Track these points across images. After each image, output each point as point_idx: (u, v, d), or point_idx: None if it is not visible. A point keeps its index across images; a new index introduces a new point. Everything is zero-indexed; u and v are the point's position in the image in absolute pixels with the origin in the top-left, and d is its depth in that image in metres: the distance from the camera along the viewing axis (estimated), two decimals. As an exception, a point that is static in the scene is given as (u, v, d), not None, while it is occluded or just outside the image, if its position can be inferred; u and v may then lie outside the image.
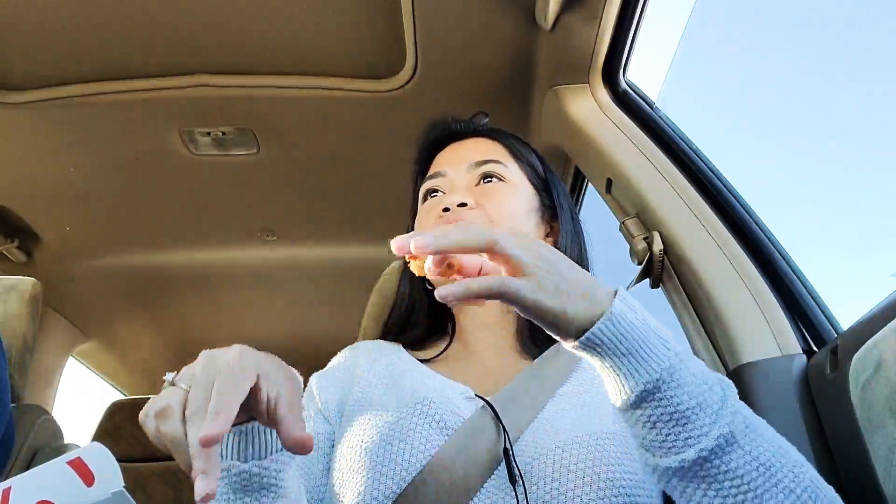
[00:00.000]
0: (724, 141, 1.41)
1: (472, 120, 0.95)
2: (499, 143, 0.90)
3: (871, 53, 1.34)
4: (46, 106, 1.37)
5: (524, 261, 0.53)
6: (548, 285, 0.53)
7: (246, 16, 1.19)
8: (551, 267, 0.54)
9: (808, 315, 0.87)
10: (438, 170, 0.88)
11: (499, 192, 0.83)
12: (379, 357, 0.83)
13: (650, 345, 0.53)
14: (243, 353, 0.50)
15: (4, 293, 1.46)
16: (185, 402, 0.47)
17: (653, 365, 0.52)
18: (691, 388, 0.52)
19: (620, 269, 1.08)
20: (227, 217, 1.85)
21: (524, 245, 0.55)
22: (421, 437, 0.67)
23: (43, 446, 1.44)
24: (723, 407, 0.53)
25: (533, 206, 0.86)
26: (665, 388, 0.52)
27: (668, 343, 0.54)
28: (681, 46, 1.34)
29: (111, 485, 0.42)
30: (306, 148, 1.56)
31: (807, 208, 1.54)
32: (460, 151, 0.89)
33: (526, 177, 0.88)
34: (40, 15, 1.16)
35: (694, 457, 0.52)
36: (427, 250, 0.51)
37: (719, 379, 0.56)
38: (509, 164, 0.87)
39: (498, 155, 0.87)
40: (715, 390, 0.54)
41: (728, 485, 0.52)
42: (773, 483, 0.52)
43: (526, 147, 0.92)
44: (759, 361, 0.82)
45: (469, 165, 0.86)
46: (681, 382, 0.52)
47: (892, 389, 0.59)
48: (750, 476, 0.52)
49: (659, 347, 0.53)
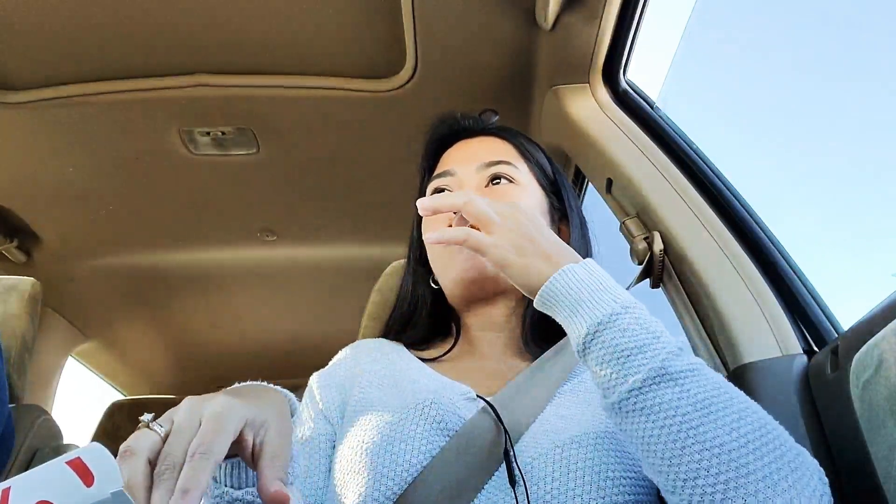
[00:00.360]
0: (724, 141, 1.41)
1: (482, 117, 0.95)
2: (508, 143, 0.89)
3: (872, 53, 1.34)
4: (46, 106, 1.37)
5: (490, 219, 0.64)
6: (508, 242, 0.63)
7: (246, 16, 1.19)
8: (517, 227, 0.64)
9: (809, 315, 0.87)
10: (447, 168, 0.87)
11: (509, 194, 0.83)
12: (380, 356, 0.83)
13: (596, 296, 0.59)
14: (226, 407, 0.48)
15: (4, 293, 1.46)
16: (155, 449, 0.45)
17: (596, 312, 0.59)
18: (633, 334, 0.57)
19: (620, 269, 1.08)
20: (227, 217, 1.85)
21: (496, 208, 0.65)
22: (422, 438, 0.67)
23: (42, 446, 1.44)
24: (662, 351, 0.57)
25: (543, 209, 0.86)
26: (606, 332, 0.58)
27: (616, 297, 0.60)
28: (681, 46, 1.34)
29: (111, 485, 0.42)
30: (306, 148, 1.56)
31: (807, 208, 1.54)
32: (470, 150, 0.89)
33: (535, 178, 0.87)
34: (40, 15, 1.16)
35: (628, 388, 0.56)
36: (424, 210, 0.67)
37: (677, 340, 0.59)
38: (519, 166, 0.86)
39: (508, 155, 0.87)
40: (662, 340, 0.58)
41: (662, 416, 0.55)
42: (711, 419, 0.54)
43: (535, 147, 0.92)
44: (760, 361, 0.82)
45: (479, 165, 0.85)
46: (622, 328, 0.58)
47: (892, 389, 0.59)
48: (685, 410, 0.55)
49: (604, 298, 0.59)
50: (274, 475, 0.48)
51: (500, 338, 0.83)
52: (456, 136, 0.92)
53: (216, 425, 0.46)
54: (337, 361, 0.86)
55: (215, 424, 0.46)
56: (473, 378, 0.76)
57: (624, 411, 0.57)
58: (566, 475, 0.62)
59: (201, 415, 0.47)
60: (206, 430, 0.46)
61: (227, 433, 0.46)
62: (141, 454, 0.44)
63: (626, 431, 0.58)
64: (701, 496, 0.53)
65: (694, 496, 0.54)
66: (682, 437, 0.54)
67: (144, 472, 0.44)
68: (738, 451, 0.53)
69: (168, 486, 0.43)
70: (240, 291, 2.23)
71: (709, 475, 0.53)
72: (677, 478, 0.54)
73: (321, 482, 0.73)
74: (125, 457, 0.44)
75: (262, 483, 0.48)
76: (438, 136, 0.94)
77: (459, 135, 0.92)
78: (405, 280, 0.93)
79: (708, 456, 0.53)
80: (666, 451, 0.55)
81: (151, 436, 0.46)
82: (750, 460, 0.53)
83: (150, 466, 0.44)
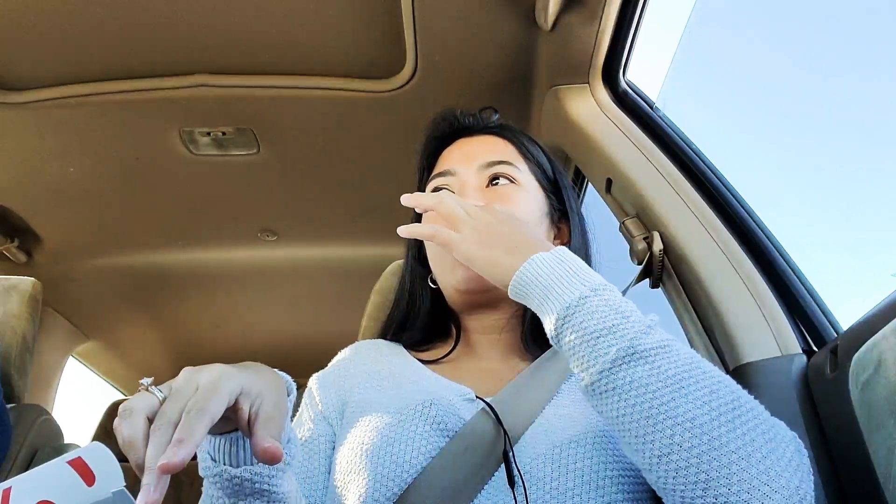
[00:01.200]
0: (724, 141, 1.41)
1: (482, 115, 0.93)
2: (509, 143, 0.88)
3: (872, 53, 1.34)
4: (46, 106, 1.37)
5: (459, 217, 0.66)
6: (475, 238, 0.65)
7: (246, 16, 1.19)
8: (485, 224, 0.66)
9: (808, 315, 0.87)
10: (448, 168, 0.86)
11: (510, 196, 0.82)
12: (379, 358, 0.82)
13: (564, 281, 0.60)
14: (223, 374, 0.50)
15: (4, 293, 1.46)
16: (153, 409, 0.48)
17: (565, 297, 0.59)
18: (603, 316, 0.58)
19: (620, 269, 1.08)
20: (227, 217, 1.85)
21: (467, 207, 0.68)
22: (422, 438, 0.67)
23: (43, 446, 1.44)
24: (630, 330, 0.57)
25: (544, 210, 0.85)
26: (576, 316, 0.58)
27: (585, 280, 0.60)
28: (681, 46, 1.34)
29: (112, 484, 0.42)
30: (306, 148, 1.56)
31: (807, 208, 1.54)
32: (470, 149, 0.88)
33: (535, 178, 0.86)
34: (41, 15, 1.16)
35: (599, 369, 0.57)
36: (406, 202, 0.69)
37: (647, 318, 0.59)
38: (520, 166, 0.85)
39: (509, 156, 0.86)
40: (631, 320, 0.58)
41: (634, 394, 0.55)
42: (682, 395, 0.54)
43: (536, 146, 0.91)
44: (759, 361, 0.82)
45: (480, 165, 0.84)
46: (591, 310, 0.58)
47: (892, 389, 0.59)
48: (655, 387, 0.55)
49: (573, 283, 0.60)
50: (267, 433, 0.50)
51: (500, 340, 0.83)
52: (456, 134, 0.91)
53: (212, 388, 0.49)
54: (336, 363, 0.86)
55: (211, 387, 0.49)
56: (473, 379, 0.76)
57: (598, 392, 0.58)
58: (565, 475, 0.62)
59: (198, 381, 0.49)
60: (202, 391, 0.48)
61: (222, 395, 0.48)
62: (140, 412, 0.47)
63: (603, 413, 0.59)
64: (675, 471, 0.54)
65: (669, 472, 0.54)
66: (653, 414, 0.54)
67: (143, 429, 0.46)
68: (710, 423, 0.53)
69: (163, 438, 0.45)
70: (240, 291, 2.23)
71: (682, 450, 0.53)
72: (651, 455, 0.55)
73: (321, 483, 0.73)
74: (124, 415, 0.47)
75: (255, 441, 0.49)
76: (439, 133, 0.93)
77: (460, 133, 0.91)
78: (403, 279, 0.92)
79: (680, 431, 0.53)
80: (639, 428, 0.55)
81: (150, 398, 0.48)
82: (722, 432, 0.53)
83: (148, 424, 0.47)
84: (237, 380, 0.51)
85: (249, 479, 0.56)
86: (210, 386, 0.49)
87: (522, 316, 0.81)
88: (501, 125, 0.92)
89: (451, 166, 0.86)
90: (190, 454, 0.44)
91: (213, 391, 0.48)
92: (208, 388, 0.48)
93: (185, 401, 0.48)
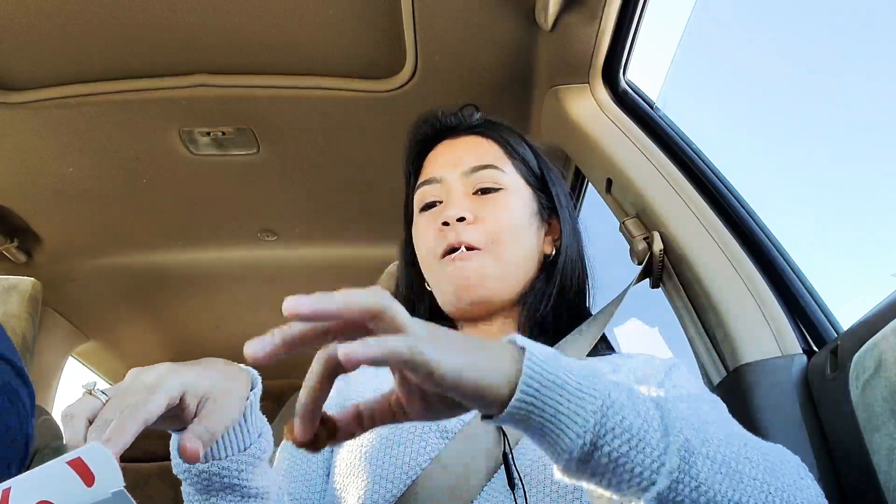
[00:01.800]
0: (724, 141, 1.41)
1: (463, 113, 0.91)
2: (493, 142, 0.86)
3: (872, 53, 1.34)
4: (47, 106, 1.37)
5: (417, 331, 0.42)
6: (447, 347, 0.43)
7: (246, 16, 1.19)
8: (442, 334, 0.45)
9: (808, 315, 0.87)
10: (433, 175, 0.85)
11: (497, 202, 0.81)
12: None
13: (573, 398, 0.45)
14: (166, 373, 0.51)
15: (4, 293, 1.46)
16: (95, 412, 0.48)
17: (587, 407, 0.44)
18: (629, 414, 0.45)
19: (620, 269, 1.08)
20: (227, 217, 1.85)
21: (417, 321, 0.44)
22: (421, 440, 0.67)
23: (43, 446, 1.44)
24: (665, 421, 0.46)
25: (532, 209, 0.84)
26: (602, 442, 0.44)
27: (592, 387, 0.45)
28: (681, 46, 1.34)
29: (111, 485, 0.42)
30: (306, 148, 1.56)
31: (807, 208, 1.54)
32: (454, 153, 0.86)
33: (522, 177, 0.85)
34: (41, 15, 1.16)
35: (665, 482, 0.45)
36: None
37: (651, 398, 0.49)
38: (506, 167, 0.84)
39: (493, 157, 0.84)
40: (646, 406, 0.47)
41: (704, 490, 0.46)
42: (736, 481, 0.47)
43: (519, 141, 0.89)
44: (759, 361, 0.82)
45: (464, 171, 0.83)
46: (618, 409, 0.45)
47: (892, 389, 0.59)
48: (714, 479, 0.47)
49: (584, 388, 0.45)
50: (196, 433, 0.50)
51: None
52: (440, 135, 0.90)
53: (151, 387, 0.49)
54: None
55: (151, 387, 0.49)
56: None
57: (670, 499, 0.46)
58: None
59: (142, 381, 0.50)
60: (141, 391, 0.49)
61: (159, 394, 0.48)
62: (80, 416, 0.48)
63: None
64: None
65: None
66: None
67: (83, 433, 0.47)
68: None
69: (96, 437, 0.46)
70: (240, 291, 2.23)
71: None
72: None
73: (319, 486, 0.74)
74: (66, 420, 0.48)
75: (182, 436, 0.50)
76: (421, 136, 0.91)
77: (444, 134, 0.89)
78: (399, 283, 0.91)
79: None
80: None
81: (93, 401, 0.49)
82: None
83: (88, 426, 0.48)
84: (180, 377, 0.51)
85: (217, 473, 0.58)
86: (150, 385, 0.49)
87: (518, 325, 0.81)
88: (485, 123, 0.90)
89: (435, 173, 0.85)
90: (118, 452, 0.45)
91: (152, 390, 0.48)
92: (148, 387, 0.49)
93: (125, 401, 0.48)
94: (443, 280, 0.80)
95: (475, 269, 0.77)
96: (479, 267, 0.77)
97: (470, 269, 0.77)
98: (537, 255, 0.84)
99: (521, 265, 0.80)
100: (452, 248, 0.78)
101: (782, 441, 0.60)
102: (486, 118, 0.91)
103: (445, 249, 0.78)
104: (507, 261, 0.79)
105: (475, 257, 0.77)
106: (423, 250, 0.84)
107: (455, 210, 0.79)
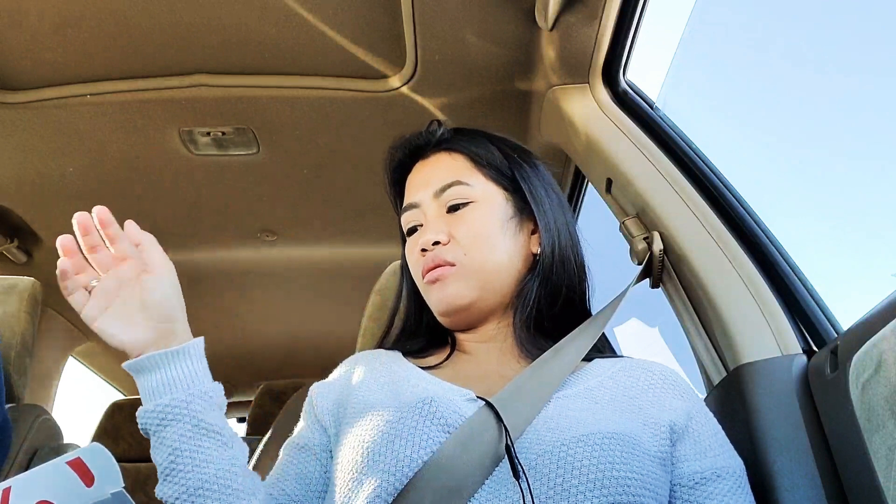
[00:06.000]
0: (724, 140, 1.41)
1: (429, 131, 0.91)
2: (459, 154, 0.87)
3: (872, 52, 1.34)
4: (47, 106, 1.37)
5: None
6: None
7: (246, 16, 1.19)
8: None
9: (808, 315, 0.87)
10: (411, 200, 0.87)
11: (468, 217, 0.82)
12: (378, 365, 0.83)
13: None
14: None
15: (4, 293, 1.46)
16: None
17: None
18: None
19: (620, 269, 1.08)
20: (227, 217, 1.85)
21: None
22: (423, 434, 0.67)
23: (42, 446, 1.44)
24: None
25: (507, 215, 0.84)
26: None
27: None
28: (681, 46, 1.34)
29: (111, 485, 0.42)
30: (306, 148, 1.56)
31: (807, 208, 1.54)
32: (423, 176, 0.88)
33: (493, 183, 0.85)
34: (41, 15, 1.16)
35: None
36: None
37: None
38: (472, 179, 0.84)
39: (459, 172, 0.85)
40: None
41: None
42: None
43: (486, 145, 0.88)
44: (759, 361, 0.82)
45: (434, 192, 0.85)
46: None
47: (892, 389, 0.59)
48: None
49: None
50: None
51: (495, 347, 0.83)
52: (414, 157, 0.92)
53: None
54: (336, 374, 0.87)
55: None
56: (473, 382, 0.77)
57: None
58: (570, 472, 0.62)
59: None
60: None
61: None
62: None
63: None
64: None
65: None
66: None
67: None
68: None
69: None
70: (240, 291, 2.23)
71: None
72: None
73: (319, 487, 0.74)
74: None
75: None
76: (396, 163, 0.94)
77: (417, 155, 0.91)
78: (399, 288, 0.93)
79: None
80: None
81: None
82: None
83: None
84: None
85: (168, 404, 0.65)
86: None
87: (512, 326, 0.82)
88: (452, 136, 0.90)
89: (411, 198, 0.87)
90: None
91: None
92: None
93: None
94: (430, 300, 0.84)
95: (452, 284, 0.81)
96: (455, 282, 0.81)
97: (448, 287, 0.81)
98: (521, 255, 0.84)
99: (502, 270, 0.82)
100: (430, 270, 0.82)
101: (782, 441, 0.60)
102: (451, 131, 0.91)
103: (424, 272, 0.83)
104: (485, 269, 0.81)
105: (450, 274, 0.80)
106: (412, 272, 0.88)
107: (430, 235, 0.82)
